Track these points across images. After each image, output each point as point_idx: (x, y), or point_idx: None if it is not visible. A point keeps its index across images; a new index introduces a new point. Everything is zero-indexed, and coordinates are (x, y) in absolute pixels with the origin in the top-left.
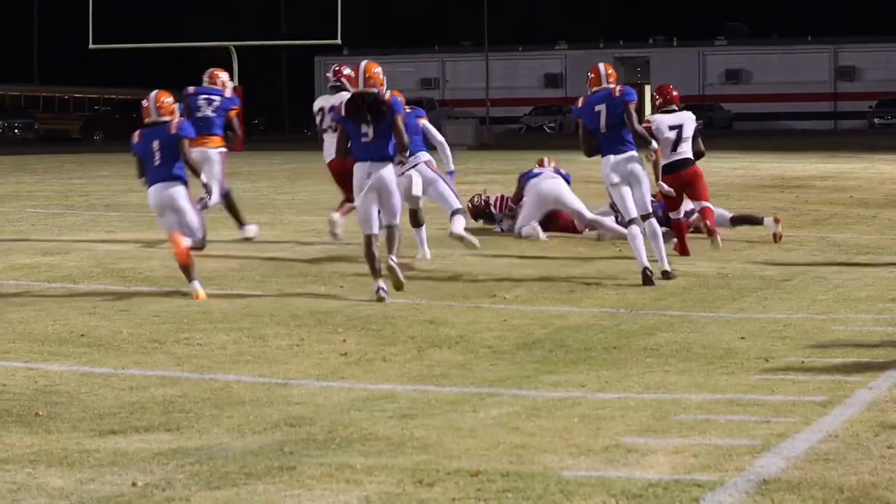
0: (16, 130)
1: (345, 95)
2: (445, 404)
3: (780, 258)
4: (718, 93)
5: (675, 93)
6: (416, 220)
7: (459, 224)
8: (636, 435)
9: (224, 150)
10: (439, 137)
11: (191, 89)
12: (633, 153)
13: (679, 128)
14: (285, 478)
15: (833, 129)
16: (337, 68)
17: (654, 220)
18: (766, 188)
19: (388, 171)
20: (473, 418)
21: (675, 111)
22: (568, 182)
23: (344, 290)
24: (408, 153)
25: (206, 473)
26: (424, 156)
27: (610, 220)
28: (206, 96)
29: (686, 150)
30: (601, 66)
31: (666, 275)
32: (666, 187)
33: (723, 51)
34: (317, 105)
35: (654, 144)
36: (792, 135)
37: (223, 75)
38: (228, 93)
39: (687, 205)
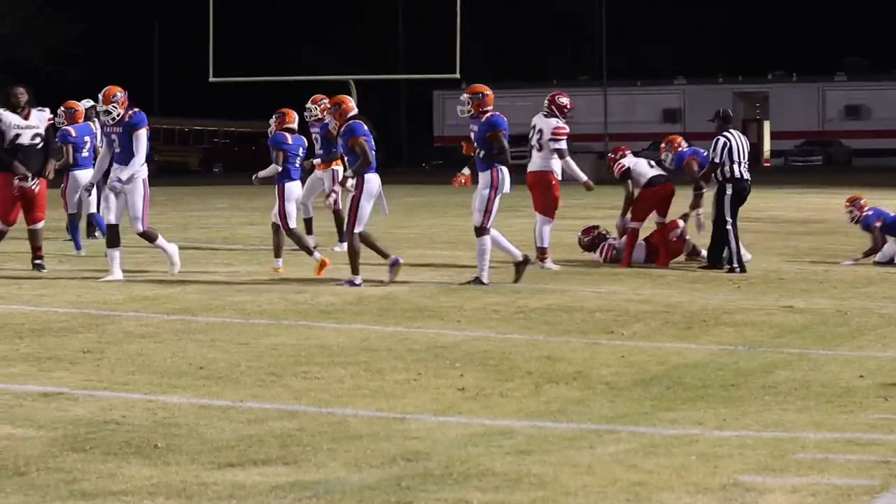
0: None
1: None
2: (562, 440)
3: None
4: (838, 128)
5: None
6: None
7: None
8: (754, 473)
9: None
10: None
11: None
12: None
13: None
14: None
15: None
16: (551, 96)
17: None
18: None
19: None
20: (591, 455)
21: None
22: None
23: (461, 325)
24: None
25: None
26: None
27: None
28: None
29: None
30: None
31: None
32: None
33: (843, 86)
34: (532, 122)
35: None
36: None
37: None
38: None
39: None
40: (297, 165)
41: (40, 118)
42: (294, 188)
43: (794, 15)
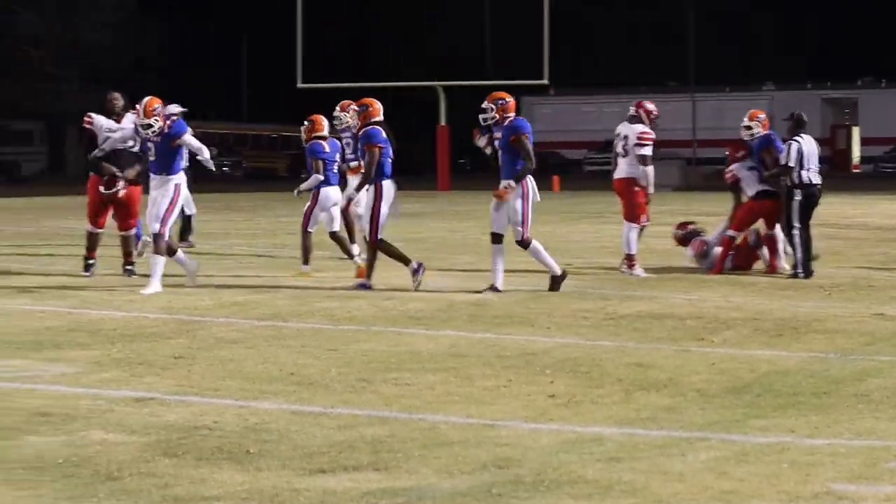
0: (224, 168)
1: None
2: (653, 448)
3: None
4: None
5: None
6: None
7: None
8: (847, 482)
9: None
10: None
11: None
12: None
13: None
14: None
15: None
16: (639, 102)
17: None
18: None
19: None
20: (682, 462)
21: None
22: None
23: (551, 331)
24: None
25: None
26: None
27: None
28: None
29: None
30: None
31: None
32: None
33: None
34: (616, 130)
35: None
36: None
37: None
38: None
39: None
40: (335, 171)
41: (132, 122)
42: (331, 193)
43: (883, 20)
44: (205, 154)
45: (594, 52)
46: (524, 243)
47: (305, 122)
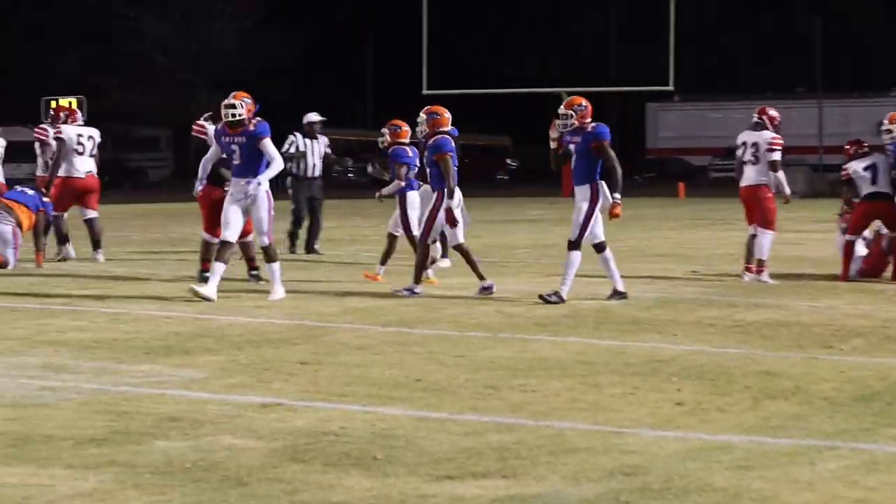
0: (350, 175)
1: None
2: (782, 456)
3: None
4: None
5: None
6: None
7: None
8: None
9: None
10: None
11: None
12: None
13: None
14: None
15: None
16: (761, 108)
17: None
18: None
19: None
20: (811, 471)
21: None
22: None
23: (678, 339)
24: None
25: None
26: None
27: None
28: None
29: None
30: None
31: None
32: None
33: None
34: (740, 139)
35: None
36: None
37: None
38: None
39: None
40: (413, 178)
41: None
42: (415, 198)
43: None
44: (275, 165)
45: (721, 57)
46: (573, 245)
47: (388, 128)
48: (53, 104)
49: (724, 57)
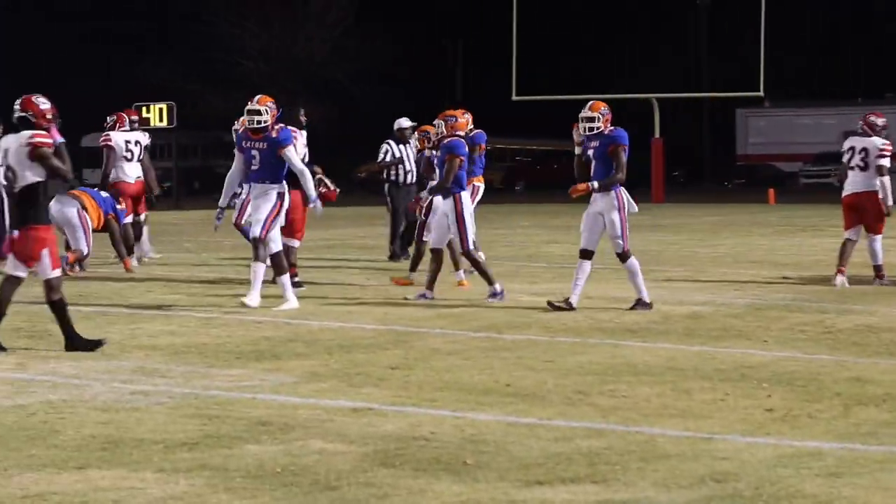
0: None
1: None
2: (873, 463)
3: None
4: None
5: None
6: None
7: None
8: None
9: None
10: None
11: None
12: None
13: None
14: None
15: None
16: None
17: None
18: None
19: None
20: None
21: None
22: None
23: (768, 345)
24: None
25: None
26: None
27: None
28: None
29: None
30: None
31: None
32: None
33: None
34: (846, 144)
35: None
36: None
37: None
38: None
39: None
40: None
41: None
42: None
43: None
44: (306, 176)
45: (812, 63)
46: (623, 256)
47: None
48: (144, 110)
49: (819, 62)
